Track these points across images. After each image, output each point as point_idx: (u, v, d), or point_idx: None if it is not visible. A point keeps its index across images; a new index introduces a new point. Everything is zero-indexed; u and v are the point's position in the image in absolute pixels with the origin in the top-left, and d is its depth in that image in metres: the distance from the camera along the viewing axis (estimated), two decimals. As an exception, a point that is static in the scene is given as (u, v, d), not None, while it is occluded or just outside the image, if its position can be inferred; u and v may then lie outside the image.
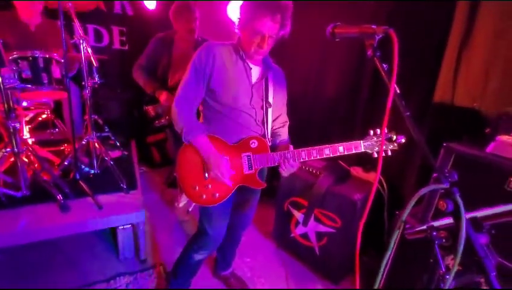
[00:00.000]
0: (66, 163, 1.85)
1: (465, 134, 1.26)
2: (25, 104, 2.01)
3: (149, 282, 1.68)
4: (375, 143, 1.09)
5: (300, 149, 1.14)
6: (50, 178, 1.72)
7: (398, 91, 0.62)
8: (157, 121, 2.03)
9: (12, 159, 1.65)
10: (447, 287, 0.58)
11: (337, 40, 0.76)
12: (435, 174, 0.59)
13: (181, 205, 2.49)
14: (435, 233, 0.62)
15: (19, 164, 1.60)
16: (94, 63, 1.77)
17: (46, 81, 1.65)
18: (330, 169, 1.78)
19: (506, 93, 1.27)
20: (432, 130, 1.46)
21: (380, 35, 0.63)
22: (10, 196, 1.61)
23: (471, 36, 1.37)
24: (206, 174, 1.15)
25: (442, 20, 1.44)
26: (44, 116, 2.33)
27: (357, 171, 1.84)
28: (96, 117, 2.25)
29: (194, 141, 1.14)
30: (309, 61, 2.26)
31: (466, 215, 0.56)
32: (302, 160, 1.14)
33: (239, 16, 1.13)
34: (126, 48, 3.15)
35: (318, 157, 1.14)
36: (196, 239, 1.34)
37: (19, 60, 1.55)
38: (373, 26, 0.64)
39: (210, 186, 1.15)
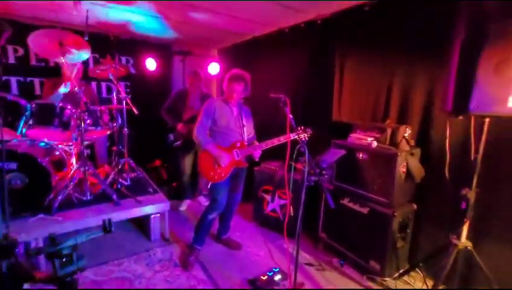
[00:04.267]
0: (111, 178, 2.73)
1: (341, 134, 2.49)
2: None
3: (175, 250, 2.55)
4: (299, 134, 2.10)
5: (260, 142, 2.23)
6: (101, 188, 2.59)
7: (292, 117, 1.76)
8: (175, 143, 3.07)
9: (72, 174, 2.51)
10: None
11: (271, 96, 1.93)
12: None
13: (182, 208, 3.40)
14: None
15: (86, 178, 2.47)
16: (135, 111, 2.76)
17: (101, 125, 2.61)
18: (282, 165, 2.89)
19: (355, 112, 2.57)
20: (330, 133, 2.69)
21: (284, 99, 1.79)
22: (80, 199, 2.45)
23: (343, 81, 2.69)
24: (216, 165, 2.19)
25: (329, 73, 2.76)
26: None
27: (295, 164, 2.98)
28: (120, 147, 3.18)
29: (208, 147, 2.18)
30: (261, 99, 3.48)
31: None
32: (263, 148, 2.22)
33: (223, 82, 2.28)
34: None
35: (270, 145, 2.19)
36: (209, 205, 2.32)
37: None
38: (281, 95, 1.80)
39: (218, 170, 2.19)
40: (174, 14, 2.98)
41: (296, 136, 2.04)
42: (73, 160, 2.71)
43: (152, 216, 2.61)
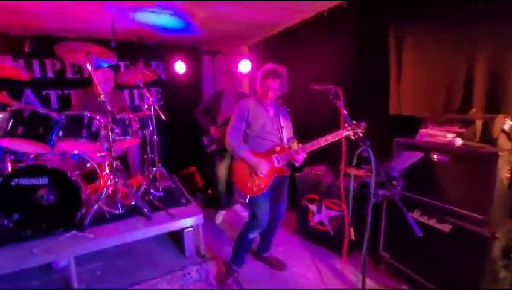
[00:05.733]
0: (143, 189, 2.57)
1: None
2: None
3: (212, 269, 2.29)
4: (350, 130, 1.69)
5: (304, 144, 1.86)
6: (132, 200, 2.43)
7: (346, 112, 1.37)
8: (208, 148, 2.84)
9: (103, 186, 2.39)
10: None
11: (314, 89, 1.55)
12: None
13: (218, 221, 3.15)
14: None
15: (117, 190, 2.32)
16: (163, 117, 2.58)
17: (130, 133, 2.45)
18: (329, 170, 2.48)
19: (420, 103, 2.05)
20: (387, 130, 2.21)
21: (334, 90, 1.40)
22: (112, 213, 2.31)
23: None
24: (253, 175, 1.86)
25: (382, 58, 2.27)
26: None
27: (351, 170, 2.53)
28: (152, 156, 3.03)
29: (242, 155, 1.87)
30: (302, 96, 3.08)
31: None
32: (308, 151, 1.83)
33: (256, 80, 1.95)
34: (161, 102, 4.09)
35: (316, 147, 1.81)
36: (249, 223, 2.00)
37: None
38: (329, 86, 1.42)
39: (256, 181, 1.86)
40: (201, 10, 2.75)
41: (350, 133, 1.65)
42: (106, 171, 2.61)
43: (185, 230, 2.39)
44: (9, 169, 2.19)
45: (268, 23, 3.26)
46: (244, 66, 3.58)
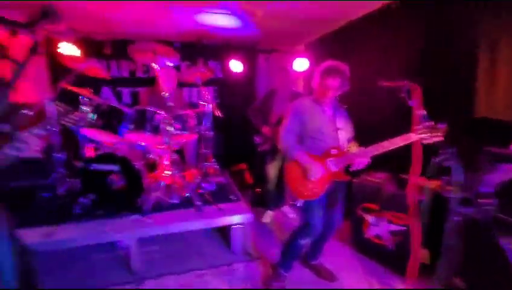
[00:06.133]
0: (196, 182, 2.70)
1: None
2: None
3: (258, 269, 2.26)
4: (426, 133, 1.42)
5: (368, 147, 1.68)
6: (186, 192, 2.56)
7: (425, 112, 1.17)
8: (260, 146, 2.84)
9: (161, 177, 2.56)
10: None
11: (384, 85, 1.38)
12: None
13: (265, 220, 3.11)
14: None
15: (174, 181, 2.47)
16: (219, 114, 2.66)
17: (188, 129, 2.59)
18: (390, 178, 2.22)
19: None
20: (470, 136, 1.85)
21: (407, 87, 1.21)
22: (168, 202, 2.47)
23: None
24: (306, 178, 1.76)
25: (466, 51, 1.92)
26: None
27: (422, 180, 2.22)
28: (207, 151, 3.15)
29: (296, 155, 1.79)
30: (360, 95, 2.83)
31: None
32: (372, 155, 1.66)
33: (314, 78, 1.82)
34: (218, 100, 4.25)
35: (381, 151, 1.61)
36: (301, 229, 1.90)
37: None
38: (402, 82, 1.23)
39: (310, 185, 1.76)
40: (260, 9, 2.75)
41: (425, 136, 1.42)
42: (165, 163, 2.80)
43: (233, 227, 2.41)
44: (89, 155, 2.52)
45: (328, 19, 3.09)
46: (300, 64, 3.47)
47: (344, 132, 1.85)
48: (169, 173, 2.48)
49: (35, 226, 2.07)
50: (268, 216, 3.15)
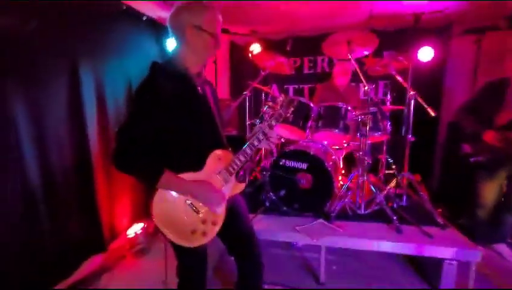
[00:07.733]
0: (387, 192, 2.27)
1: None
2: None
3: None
4: None
5: None
6: (377, 203, 2.18)
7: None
8: (472, 158, 2.12)
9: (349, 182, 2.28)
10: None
11: None
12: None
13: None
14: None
15: (363, 188, 2.15)
16: (431, 112, 2.12)
17: (381, 129, 2.20)
18: None
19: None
20: None
21: None
22: (354, 211, 2.19)
23: None
24: None
25: None
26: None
27: None
28: (388, 157, 2.67)
29: None
30: None
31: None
32: None
33: None
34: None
35: None
36: None
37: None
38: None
39: None
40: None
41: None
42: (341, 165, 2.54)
43: (447, 261, 1.83)
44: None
45: None
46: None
47: None
48: (358, 178, 2.18)
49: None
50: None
